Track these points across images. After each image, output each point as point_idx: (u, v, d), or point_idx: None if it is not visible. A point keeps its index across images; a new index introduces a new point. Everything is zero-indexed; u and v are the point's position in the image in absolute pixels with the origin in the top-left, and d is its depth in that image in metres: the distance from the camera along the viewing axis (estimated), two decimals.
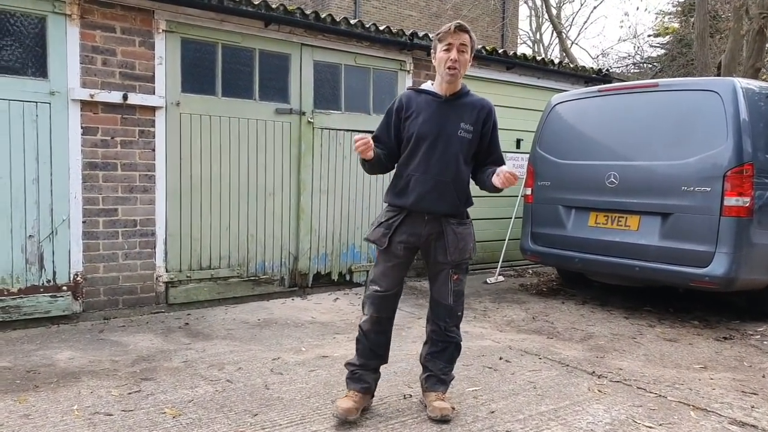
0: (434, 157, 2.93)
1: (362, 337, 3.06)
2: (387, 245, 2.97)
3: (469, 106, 3.00)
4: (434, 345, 3.10)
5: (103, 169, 4.71)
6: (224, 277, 5.36)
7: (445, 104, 2.97)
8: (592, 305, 5.69)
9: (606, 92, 5.69)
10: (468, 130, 2.96)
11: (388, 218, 3.01)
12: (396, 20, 16.57)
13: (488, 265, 7.31)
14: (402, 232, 2.97)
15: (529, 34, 25.39)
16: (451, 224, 2.99)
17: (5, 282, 4.39)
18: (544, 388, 3.49)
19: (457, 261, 2.99)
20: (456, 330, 3.11)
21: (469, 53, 2.91)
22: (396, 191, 3.01)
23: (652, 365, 3.96)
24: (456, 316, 3.08)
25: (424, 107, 2.97)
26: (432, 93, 3.01)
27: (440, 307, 3.05)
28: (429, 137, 2.93)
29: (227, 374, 3.60)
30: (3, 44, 4.31)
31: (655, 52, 16.93)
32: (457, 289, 3.04)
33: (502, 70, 7.21)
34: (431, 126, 2.93)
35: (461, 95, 3.01)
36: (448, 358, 3.11)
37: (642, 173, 5.13)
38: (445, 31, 2.88)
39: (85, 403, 3.11)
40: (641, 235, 5.10)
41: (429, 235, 2.98)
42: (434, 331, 3.09)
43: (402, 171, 3.02)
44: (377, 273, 3.05)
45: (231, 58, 5.31)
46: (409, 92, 3.09)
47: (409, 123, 2.97)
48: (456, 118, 2.96)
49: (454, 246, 2.97)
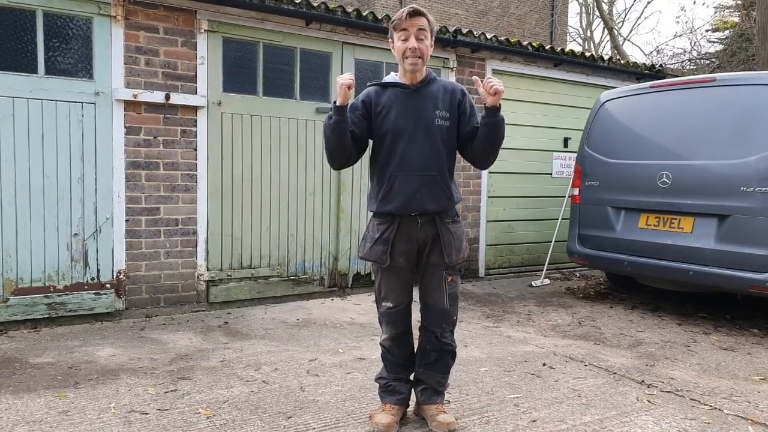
0: (415, 151, 2.69)
1: (387, 354, 2.95)
2: (390, 261, 2.78)
3: (441, 91, 2.77)
4: (427, 355, 2.89)
5: (146, 168, 4.77)
6: (264, 276, 5.36)
7: (416, 93, 2.74)
8: (642, 310, 5.45)
9: (658, 88, 5.44)
10: (445, 117, 2.73)
11: (382, 232, 2.77)
12: (442, 18, 16.43)
13: (533, 267, 7.12)
14: (400, 242, 2.77)
15: (579, 32, 24.81)
16: (446, 224, 2.78)
17: (51, 279, 4.48)
18: (590, 397, 3.33)
19: (455, 262, 2.80)
20: (451, 336, 2.89)
21: (429, 38, 2.70)
22: (381, 197, 2.76)
23: (706, 375, 3.74)
24: (451, 321, 2.88)
25: (394, 101, 2.74)
26: (399, 84, 2.77)
27: (434, 312, 2.84)
28: (406, 131, 2.69)
29: (263, 375, 3.57)
30: (51, 46, 4.40)
31: (713, 48, 16.26)
32: (452, 291, 2.84)
33: (549, 66, 7.01)
34: (405, 119, 2.70)
35: (429, 82, 2.78)
36: (443, 368, 2.90)
37: (697, 173, 4.88)
38: (398, 18, 2.67)
39: (122, 401, 3.13)
40: (696, 238, 4.85)
41: (425, 238, 2.78)
42: (427, 340, 2.88)
43: (383, 173, 2.75)
44: (385, 288, 2.87)
45: (272, 57, 5.30)
46: (373, 87, 2.83)
47: (381, 120, 2.73)
48: (430, 106, 2.73)
49: (451, 247, 2.78)
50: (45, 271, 4.46)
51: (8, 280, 4.34)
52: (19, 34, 4.29)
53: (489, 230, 6.82)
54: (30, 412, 2.96)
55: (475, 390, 3.39)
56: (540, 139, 7.10)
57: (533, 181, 7.11)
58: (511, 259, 7.08)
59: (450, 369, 2.94)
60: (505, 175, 6.88)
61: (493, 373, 3.69)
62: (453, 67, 6.34)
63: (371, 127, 2.78)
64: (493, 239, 6.89)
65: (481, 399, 3.27)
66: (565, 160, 7.20)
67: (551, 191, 7.17)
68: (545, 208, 7.15)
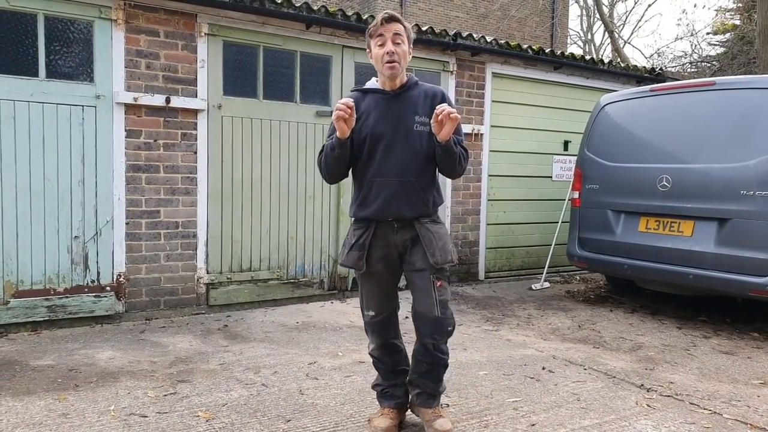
0: (393, 157, 2.67)
1: (378, 363, 2.94)
2: (366, 267, 2.74)
3: (421, 97, 2.73)
4: (419, 365, 2.80)
5: (146, 171, 4.78)
6: (264, 279, 5.36)
7: (395, 99, 2.72)
8: (642, 314, 5.45)
9: (659, 92, 5.44)
10: (424, 123, 2.68)
11: (358, 237, 2.75)
12: (443, 21, 16.45)
13: (533, 270, 7.12)
14: (377, 247, 2.74)
15: (579, 34, 24.87)
16: (425, 224, 2.72)
17: (52, 282, 4.49)
18: (589, 401, 3.33)
19: (441, 263, 2.69)
20: (445, 348, 2.78)
21: (406, 43, 2.67)
22: (359, 202, 2.77)
23: (706, 379, 3.74)
24: (445, 332, 2.75)
25: (374, 107, 2.72)
26: (378, 90, 2.76)
27: (425, 321, 2.73)
28: (384, 137, 2.67)
29: (263, 378, 3.57)
30: (52, 50, 4.41)
31: (714, 51, 16.28)
32: (443, 298, 2.72)
33: (549, 69, 7.01)
34: (384, 125, 2.68)
35: (409, 87, 2.75)
36: (436, 378, 2.81)
37: (697, 176, 4.88)
38: (374, 25, 2.65)
39: (121, 404, 3.13)
40: (696, 242, 4.85)
41: (404, 242, 2.73)
42: (419, 351, 2.79)
43: (361, 178, 2.75)
44: (366, 296, 2.85)
45: (272, 60, 5.31)
46: (353, 94, 2.81)
47: (360, 126, 2.69)
48: (409, 112, 2.70)
49: (433, 246, 2.69)
50: (45, 274, 4.46)
51: (9, 283, 4.34)
52: (21, 37, 4.31)
53: (489, 233, 6.82)
54: (30, 415, 2.97)
55: (474, 394, 3.39)
56: (540, 143, 7.10)
57: (533, 184, 7.11)
58: (511, 262, 7.08)
59: (442, 377, 2.85)
60: (505, 178, 6.88)
61: (492, 376, 3.69)
62: (453, 71, 6.35)
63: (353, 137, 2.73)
64: (493, 242, 6.89)
65: (480, 403, 3.27)
66: (565, 164, 7.21)
67: (551, 194, 7.17)
68: (545, 211, 7.15)
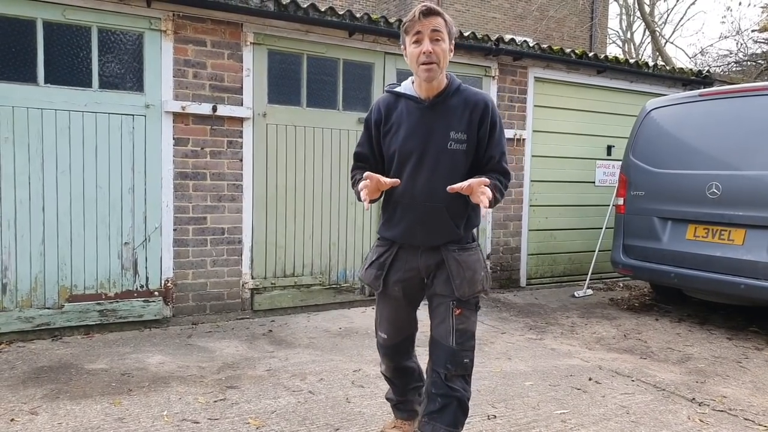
0: (421, 178, 2.36)
1: (390, 382, 2.81)
2: (383, 288, 2.54)
3: (460, 108, 2.37)
4: (431, 401, 2.38)
5: (193, 178, 4.87)
6: (307, 284, 5.42)
7: (429, 110, 2.37)
8: (689, 323, 5.33)
9: (707, 96, 5.32)
10: (460, 140, 2.35)
11: (379, 255, 2.53)
12: (480, 23, 16.34)
13: (576, 277, 7.03)
14: (397, 270, 2.50)
15: (618, 33, 24.40)
16: (452, 251, 2.41)
17: (103, 286, 4.62)
18: (639, 414, 3.28)
19: (467, 296, 2.40)
20: (461, 382, 2.39)
21: (446, 40, 2.29)
22: (384, 220, 2.53)
23: (760, 394, 3.64)
24: (461, 364, 2.37)
25: (405, 117, 2.40)
26: (412, 97, 2.41)
27: (440, 349, 2.41)
28: (414, 155, 2.36)
29: (309, 385, 3.61)
30: (105, 61, 4.54)
31: (760, 49, 15.81)
32: (462, 327, 2.39)
33: (592, 74, 6.92)
34: (415, 141, 2.36)
35: (448, 94, 2.39)
36: (449, 420, 2.33)
37: (749, 183, 4.75)
38: (410, 19, 2.27)
39: (174, 410, 3.20)
40: (747, 250, 4.73)
41: (428, 266, 2.46)
42: (433, 382, 2.40)
43: (388, 196, 2.47)
44: (380, 318, 2.65)
45: (315, 68, 5.37)
46: (386, 97, 2.49)
47: (390, 138, 2.43)
48: (444, 126, 2.35)
49: (459, 277, 2.39)
50: (97, 279, 4.59)
51: (63, 288, 4.49)
52: (76, 50, 4.44)
53: (531, 239, 6.76)
54: (88, 419, 3.06)
55: (521, 405, 3.37)
56: (582, 147, 7.00)
57: (576, 190, 7.01)
58: (553, 268, 7.00)
59: (460, 423, 2.38)
60: (547, 184, 6.81)
61: (538, 387, 3.66)
62: (495, 76, 6.31)
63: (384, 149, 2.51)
64: (535, 248, 6.82)
65: (528, 414, 3.24)
66: (609, 169, 7.10)
67: (594, 200, 7.07)
68: (588, 217, 7.05)
